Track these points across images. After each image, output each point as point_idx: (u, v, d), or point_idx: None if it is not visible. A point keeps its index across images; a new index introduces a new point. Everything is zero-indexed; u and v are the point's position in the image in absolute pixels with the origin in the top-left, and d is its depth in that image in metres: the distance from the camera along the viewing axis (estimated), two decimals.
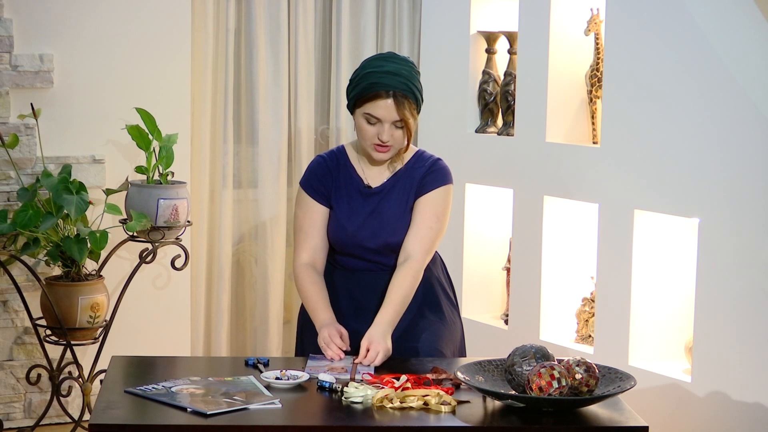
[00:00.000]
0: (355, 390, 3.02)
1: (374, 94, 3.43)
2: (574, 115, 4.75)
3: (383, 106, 3.43)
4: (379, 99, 3.43)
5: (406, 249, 3.52)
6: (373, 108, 3.44)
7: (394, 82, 3.43)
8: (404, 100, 3.43)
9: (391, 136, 3.46)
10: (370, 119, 3.46)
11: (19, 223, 4.40)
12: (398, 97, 3.43)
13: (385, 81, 3.43)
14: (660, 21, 4.24)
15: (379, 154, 3.50)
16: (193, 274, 5.12)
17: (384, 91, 3.43)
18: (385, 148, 3.49)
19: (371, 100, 3.44)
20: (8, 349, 4.80)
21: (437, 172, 3.57)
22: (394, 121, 3.44)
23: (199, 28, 5.07)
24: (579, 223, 4.76)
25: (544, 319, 4.76)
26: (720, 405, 4.04)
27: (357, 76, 3.50)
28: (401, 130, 3.47)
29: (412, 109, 3.46)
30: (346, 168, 3.60)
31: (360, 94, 3.46)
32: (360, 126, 3.49)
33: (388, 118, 3.44)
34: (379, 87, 3.43)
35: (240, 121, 5.27)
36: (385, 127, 3.45)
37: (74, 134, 4.83)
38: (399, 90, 3.43)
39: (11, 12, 4.68)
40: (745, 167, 3.97)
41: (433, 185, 3.55)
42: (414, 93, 3.46)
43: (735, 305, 4.00)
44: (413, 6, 5.44)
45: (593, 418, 2.92)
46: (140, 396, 3.00)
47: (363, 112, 3.46)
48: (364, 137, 3.49)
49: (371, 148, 3.50)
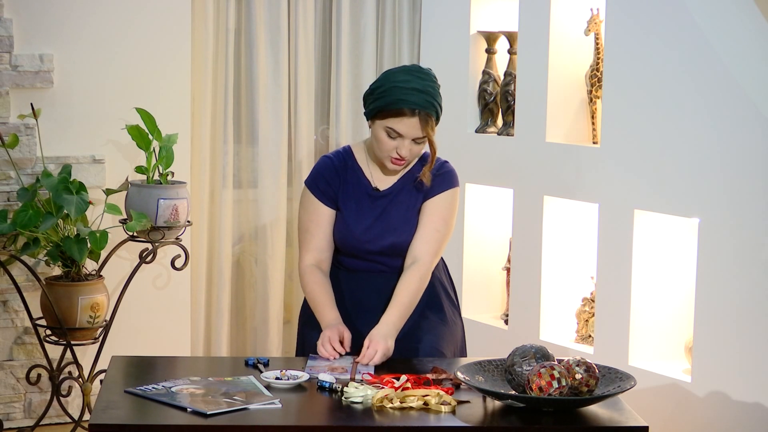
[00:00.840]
0: (355, 390, 3.02)
1: (399, 110, 3.41)
2: (574, 115, 4.75)
3: (408, 123, 3.42)
4: (404, 116, 3.41)
5: (414, 252, 3.52)
6: (396, 124, 3.42)
7: (421, 101, 3.41)
8: (428, 118, 3.43)
9: (409, 152, 3.47)
10: (391, 133, 3.44)
11: (19, 223, 4.40)
12: (423, 115, 3.41)
13: (412, 99, 3.41)
14: (660, 21, 4.24)
15: (394, 167, 3.52)
16: (193, 274, 5.12)
17: (410, 109, 3.40)
18: (401, 161, 3.49)
19: (396, 116, 3.42)
20: (8, 349, 4.80)
21: (445, 175, 3.59)
22: (415, 138, 3.45)
23: (199, 28, 5.07)
24: (579, 223, 4.76)
25: (544, 319, 4.76)
26: (720, 405, 4.04)
27: (380, 87, 3.46)
28: (420, 145, 3.48)
29: (433, 125, 3.46)
30: (354, 170, 3.60)
31: (384, 107, 3.43)
32: (379, 137, 3.47)
33: (410, 135, 3.44)
34: (405, 104, 3.40)
35: (240, 121, 5.27)
36: (405, 143, 3.45)
37: (74, 134, 4.83)
38: (424, 109, 3.41)
39: (11, 12, 4.68)
40: (745, 167, 3.97)
41: (441, 189, 3.57)
42: (437, 110, 3.46)
43: (735, 305, 4.00)
44: (413, 6, 5.44)
45: (593, 418, 2.92)
46: (140, 396, 3.00)
47: (385, 125, 3.44)
48: (382, 149, 3.48)
49: (387, 160, 3.50)
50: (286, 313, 5.40)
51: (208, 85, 5.12)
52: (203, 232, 5.15)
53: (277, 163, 5.26)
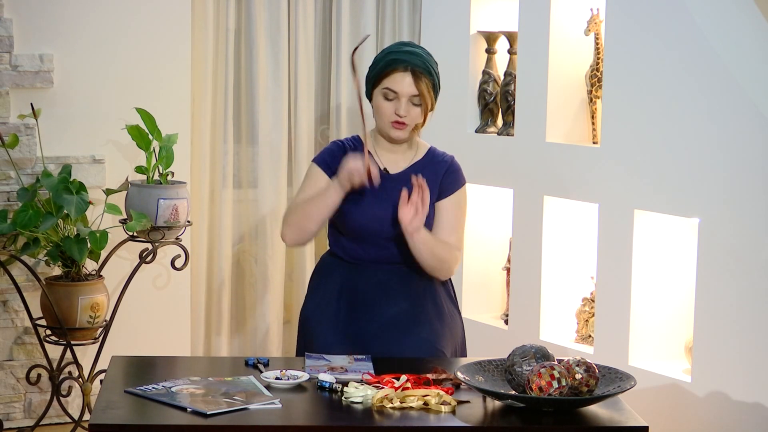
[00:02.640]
0: (355, 390, 3.02)
1: (392, 69, 3.54)
2: (574, 115, 4.75)
3: (401, 79, 3.54)
4: (397, 72, 3.54)
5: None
6: (390, 82, 3.54)
7: (413, 59, 3.55)
8: (422, 76, 3.54)
9: (408, 112, 3.55)
10: (388, 94, 3.55)
11: (19, 223, 4.41)
12: (416, 72, 3.54)
13: (404, 57, 3.55)
14: (660, 21, 4.24)
15: (397, 132, 3.58)
16: (193, 274, 5.12)
17: (402, 66, 3.54)
18: (402, 125, 3.57)
19: (389, 74, 3.55)
20: (8, 349, 4.81)
21: (455, 174, 3.69)
22: (411, 96, 3.54)
23: (199, 28, 5.07)
24: (579, 223, 4.76)
25: (544, 319, 4.76)
26: (720, 405, 4.04)
27: (377, 58, 3.62)
28: (418, 108, 3.56)
29: (429, 87, 3.56)
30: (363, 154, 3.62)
31: (379, 71, 3.57)
32: (378, 105, 3.58)
33: (405, 92, 3.54)
34: (398, 63, 3.54)
35: (240, 121, 5.27)
36: (402, 102, 3.54)
37: (74, 134, 4.84)
38: (417, 66, 3.54)
39: (11, 12, 4.68)
40: (745, 167, 3.97)
41: (452, 189, 3.66)
42: (431, 73, 3.57)
43: (735, 305, 4.00)
44: (413, 6, 5.44)
45: (593, 418, 2.92)
46: (140, 396, 3.00)
47: (381, 88, 3.57)
48: (382, 115, 3.58)
49: (389, 127, 3.58)
50: (286, 313, 5.40)
51: (208, 85, 5.12)
52: (203, 232, 5.15)
53: (277, 163, 5.26)
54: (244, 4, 5.19)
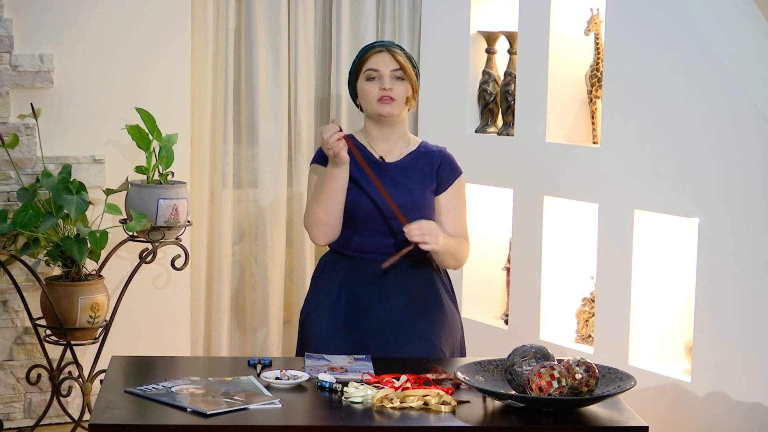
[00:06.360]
0: (355, 390, 3.02)
1: (368, 52, 3.68)
2: (574, 115, 4.75)
3: (378, 58, 3.66)
4: (374, 53, 3.67)
5: (448, 232, 3.67)
6: (369, 63, 3.67)
7: (385, 42, 3.72)
8: (397, 52, 3.66)
9: (392, 86, 3.63)
10: (370, 74, 3.66)
11: (19, 223, 4.41)
12: (391, 50, 3.66)
13: (377, 43, 3.72)
14: (660, 21, 4.24)
15: (386, 107, 3.64)
16: (193, 274, 5.12)
17: (377, 47, 3.68)
18: (389, 99, 3.63)
19: (368, 58, 3.67)
20: (8, 349, 4.81)
21: (450, 164, 3.76)
22: (392, 71, 3.63)
23: (199, 28, 5.07)
24: (579, 223, 4.76)
25: (544, 319, 4.76)
26: (720, 405, 4.04)
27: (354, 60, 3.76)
28: (402, 82, 3.64)
29: (407, 60, 3.66)
30: (358, 147, 3.68)
31: (357, 61, 3.70)
32: (363, 89, 3.67)
33: (385, 67, 3.64)
34: (373, 46, 3.75)
35: (240, 121, 5.27)
36: (385, 77, 3.64)
37: (74, 134, 4.84)
38: (391, 45, 3.68)
39: (11, 12, 4.68)
40: (745, 167, 3.97)
41: (450, 179, 3.73)
42: (406, 53, 3.68)
43: (735, 305, 4.00)
44: (413, 6, 5.44)
45: (593, 418, 2.92)
46: (140, 396, 3.00)
47: (363, 72, 3.67)
48: (368, 96, 3.65)
49: (377, 105, 3.65)
50: (286, 313, 5.40)
51: (208, 85, 5.12)
52: (203, 232, 5.15)
53: (277, 163, 5.26)
54: (244, 4, 5.19)
